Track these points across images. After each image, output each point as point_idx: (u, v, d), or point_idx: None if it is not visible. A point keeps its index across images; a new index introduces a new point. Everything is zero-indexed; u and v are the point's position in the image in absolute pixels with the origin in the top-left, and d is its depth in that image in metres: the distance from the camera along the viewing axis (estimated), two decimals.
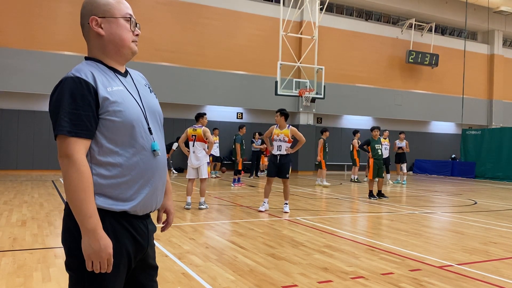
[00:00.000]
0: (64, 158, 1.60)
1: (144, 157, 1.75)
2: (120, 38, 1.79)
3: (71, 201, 1.60)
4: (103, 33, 1.77)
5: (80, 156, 1.60)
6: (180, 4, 18.82)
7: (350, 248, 5.52)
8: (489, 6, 24.81)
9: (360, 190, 13.63)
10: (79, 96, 1.62)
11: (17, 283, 3.88)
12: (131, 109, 1.73)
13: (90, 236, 1.59)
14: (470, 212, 9.25)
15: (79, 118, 1.61)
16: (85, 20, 1.79)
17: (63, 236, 1.75)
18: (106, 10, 1.77)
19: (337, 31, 22.26)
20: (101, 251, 1.59)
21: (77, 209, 1.59)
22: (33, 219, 7.02)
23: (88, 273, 1.64)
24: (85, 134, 1.62)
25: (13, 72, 16.08)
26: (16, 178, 14.27)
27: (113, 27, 1.78)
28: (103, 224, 1.65)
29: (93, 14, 1.76)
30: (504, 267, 4.84)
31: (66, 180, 1.60)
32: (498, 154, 20.27)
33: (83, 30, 1.81)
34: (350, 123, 22.97)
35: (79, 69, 1.71)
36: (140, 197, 1.75)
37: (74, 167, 1.58)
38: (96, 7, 1.77)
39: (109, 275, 1.67)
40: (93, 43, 1.80)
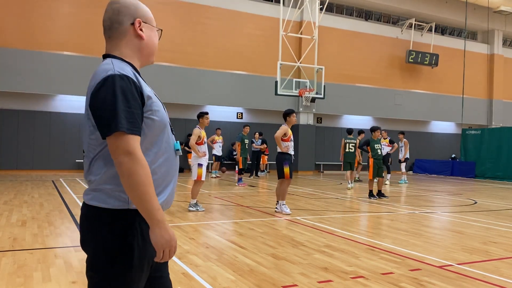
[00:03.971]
0: (126, 155, 1.57)
1: (170, 156, 1.80)
2: (154, 46, 1.88)
3: (140, 196, 1.57)
4: (144, 37, 1.81)
5: (140, 152, 1.61)
6: (180, 4, 18.82)
7: (350, 248, 5.52)
8: (489, 6, 24.81)
9: (360, 190, 13.63)
10: (130, 94, 1.62)
11: (17, 283, 3.88)
12: (163, 109, 1.80)
13: (161, 227, 1.61)
14: (470, 212, 9.25)
15: (133, 116, 1.61)
16: (126, 19, 1.78)
17: (86, 237, 1.72)
18: (149, 18, 1.85)
19: (337, 31, 22.26)
20: (171, 240, 1.64)
21: (146, 204, 1.58)
22: (33, 219, 7.02)
23: (114, 273, 1.65)
24: (139, 132, 1.63)
25: (13, 72, 16.08)
26: (16, 178, 14.27)
27: (152, 34, 1.85)
28: (132, 226, 1.66)
29: (138, 16, 1.80)
30: (504, 266, 4.84)
31: (133, 177, 1.56)
32: (498, 154, 20.27)
33: (118, 27, 1.78)
34: (350, 123, 22.95)
35: (122, 67, 1.68)
36: (166, 195, 1.78)
37: (139, 164, 1.58)
38: (140, 11, 1.81)
39: (136, 274, 1.68)
40: (127, 43, 1.80)
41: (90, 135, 1.69)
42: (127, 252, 1.65)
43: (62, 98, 17.54)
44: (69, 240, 5.71)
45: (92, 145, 1.70)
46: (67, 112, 17.62)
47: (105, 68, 1.66)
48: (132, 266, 1.66)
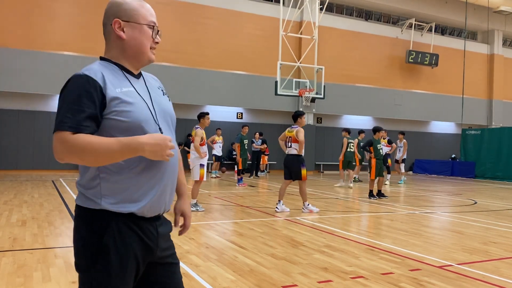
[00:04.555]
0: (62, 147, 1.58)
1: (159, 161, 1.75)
2: (140, 44, 1.81)
3: (103, 157, 1.58)
4: (124, 37, 1.78)
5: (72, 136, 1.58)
6: (180, 4, 18.83)
7: (350, 248, 5.52)
8: (489, 6, 24.81)
9: (360, 190, 13.63)
10: (84, 93, 1.63)
11: (17, 283, 3.88)
12: (140, 110, 1.73)
13: (137, 147, 1.59)
14: (470, 212, 9.25)
15: (75, 113, 1.60)
16: (107, 20, 1.80)
17: (73, 237, 1.75)
18: (131, 15, 1.79)
19: (337, 31, 22.26)
20: (156, 143, 1.60)
21: (112, 154, 1.58)
22: (33, 219, 7.02)
23: (95, 273, 1.67)
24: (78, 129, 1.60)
25: (13, 72, 16.09)
26: (16, 178, 14.27)
27: (135, 32, 1.79)
28: (108, 226, 1.67)
29: (117, 16, 1.78)
30: (504, 266, 4.84)
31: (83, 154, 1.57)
32: (498, 154, 20.27)
33: (104, 29, 1.82)
34: (350, 123, 22.95)
35: (90, 67, 1.72)
36: (148, 199, 1.74)
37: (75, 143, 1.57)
38: (121, 10, 1.78)
39: (116, 276, 1.68)
40: (112, 44, 1.81)
41: None
42: (105, 252, 1.66)
43: None
44: (69, 240, 5.71)
45: None
46: None
47: (87, 68, 1.72)
48: (110, 265, 1.66)
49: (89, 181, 1.70)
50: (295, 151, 8.58)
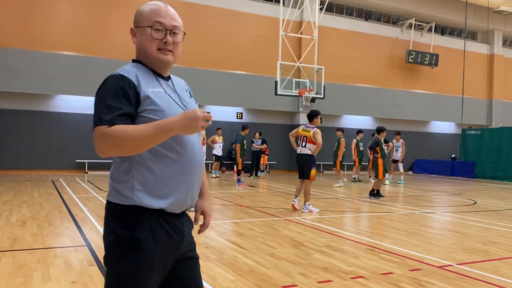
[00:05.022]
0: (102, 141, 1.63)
1: (181, 157, 1.81)
2: (143, 47, 1.88)
3: (143, 142, 1.62)
4: (135, 42, 1.91)
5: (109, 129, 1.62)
6: (180, 4, 18.82)
7: (350, 248, 5.52)
8: (489, 6, 24.81)
9: (360, 190, 13.63)
10: (120, 91, 1.71)
11: (17, 283, 3.88)
12: (170, 109, 1.79)
13: (169, 125, 1.63)
14: (470, 212, 9.25)
15: (113, 109, 1.66)
16: (133, 28, 1.93)
17: (103, 231, 1.81)
18: (138, 20, 1.90)
19: (337, 31, 22.26)
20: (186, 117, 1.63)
21: (145, 137, 1.62)
22: (33, 219, 7.02)
23: (125, 267, 1.71)
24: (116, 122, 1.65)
25: (13, 72, 16.08)
26: (16, 178, 14.27)
27: (140, 36, 1.88)
28: (141, 222, 1.73)
29: (136, 24, 1.91)
30: (504, 267, 4.84)
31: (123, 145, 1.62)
32: (498, 154, 20.27)
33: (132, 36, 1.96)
34: (350, 123, 22.96)
35: (124, 68, 1.81)
36: (177, 194, 1.80)
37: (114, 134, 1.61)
38: (135, 17, 1.92)
39: (146, 270, 1.72)
40: (137, 48, 1.93)
41: None
42: (136, 246, 1.71)
43: (62, 98, 17.54)
44: (69, 240, 5.71)
45: None
46: (67, 112, 17.62)
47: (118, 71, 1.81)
48: (141, 260, 1.72)
49: (122, 176, 1.77)
50: (309, 152, 8.60)
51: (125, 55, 17.91)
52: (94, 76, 17.33)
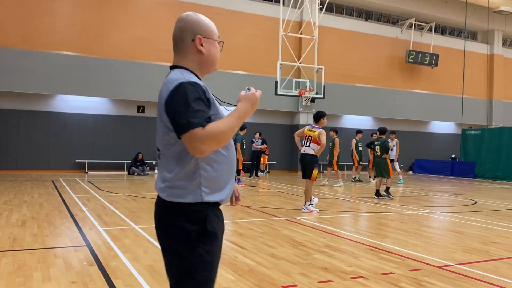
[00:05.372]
0: (202, 143, 1.78)
1: (231, 155, 2.05)
2: (214, 57, 2.10)
3: (227, 135, 1.84)
4: (204, 52, 2.04)
5: (204, 130, 1.79)
6: (180, 4, 18.82)
7: (350, 248, 5.52)
8: (489, 6, 24.81)
9: (360, 190, 13.63)
10: (199, 98, 1.87)
11: (17, 283, 3.88)
12: (222, 111, 2.02)
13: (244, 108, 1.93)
14: (470, 212, 9.25)
15: (201, 114, 1.82)
16: (186, 36, 2.03)
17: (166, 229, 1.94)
18: (208, 32, 2.05)
19: (337, 31, 22.25)
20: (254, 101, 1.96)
21: (233, 126, 1.86)
22: (33, 219, 7.02)
23: (199, 259, 1.90)
24: (207, 123, 1.83)
25: (13, 72, 16.08)
26: (16, 178, 14.27)
27: (212, 48, 2.07)
28: (208, 215, 1.92)
29: (198, 33, 2.02)
30: (504, 267, 4.84)
31: (218, 138, 1.81)
32: (498, 154, 20.27)
33: (181, 43, 2.05)
34: (350, 123, 22.96)
35: (190, 77, 1.94)
36: (229, 187, 2.03)
37: (212, 132, 1.79)
38: (200, 27, 2.04)
39: (215, 258, 1.96)
40: (189, 56, 2.04)
41: (164, 136, 1.94)
42: (208, 238, 1.91)
43: (62, 98, 17.54)
44: (69, 240, 5.71)
45: (166, 145, 1.94)
46: (67, 112, 17.62)
47: (176, 78, 1.91)
48: (213, 249, 1.94)
49: (189, 175, 1.92)
50: (313, 152, 8.63)
51: (125, 55, 17.99)
52: (94, 76, 17.44)
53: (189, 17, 2.06)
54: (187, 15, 2.08)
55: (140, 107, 18.88)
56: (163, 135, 1.94)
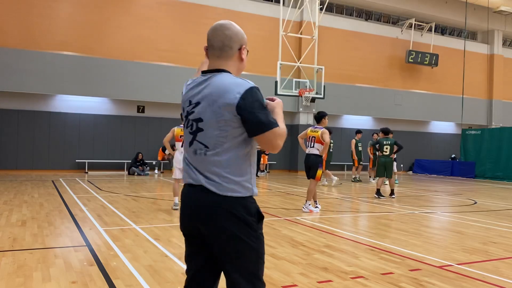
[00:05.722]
0: (281, 139, 2.10)
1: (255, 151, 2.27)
2: (245, 64, 2.30)
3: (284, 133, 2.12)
4: (244, 59, 2.26)
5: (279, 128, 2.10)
6: (180, 4, 18.82)
7: (350, 248, 5.52)
8: (489, 6, 24.81)
9: (360, 190, 13.63)
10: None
11: (17, 283, 3.88)
12: None
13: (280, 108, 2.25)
14: (470, 212, 9.25)
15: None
16: (234, 44, 2.19)
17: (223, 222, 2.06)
18: (246, 42, 2.26)
19: (337, 31, 22.25)
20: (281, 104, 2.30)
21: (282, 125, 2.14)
22: (33, 219, 7.02)
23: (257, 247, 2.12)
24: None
25: (13, 72, 16.09)
26: (16, 178, 14.27)
27: (246, 55, 2.28)
28: (257, 207, 2.15)
29: (243, 43, 2.22)
30: (504, 267, 4.84)
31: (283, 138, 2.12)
32: (498, 154, 20.27)
33: (228, 50, 2.19)
34: (350, 123, 22.97)
35: (248, 80, 2.16)
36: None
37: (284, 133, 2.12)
38: (244, 38, 2.24)
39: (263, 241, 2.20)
40: (234, 63, 2.23)
41: (220, 133, 2.06)
42: (261, 229, 2.15)
43: (62, 98, 17.54)
44: (69, 240, 5.71)
45: (220, 142, 2.07)
46: (67, 112, 17.62)
47: (240, 82, 2.08)
48: (263, 239, 2.17)
49: (244, 170, 2.12)
50: (317, 152, 8.72)
51: (125, 55, 17.99)
52: (94, 76, 17.45)
53: (234, 27, 2.21)
54: (231, 24, 2.22)
55: (140, 107, 18.88)
56: (218, 132, 2.06)
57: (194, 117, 2.14)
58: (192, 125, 2.15)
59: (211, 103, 2.06)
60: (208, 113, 2.07)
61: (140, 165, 17.61)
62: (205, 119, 2.08)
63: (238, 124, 2.05)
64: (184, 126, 2.23)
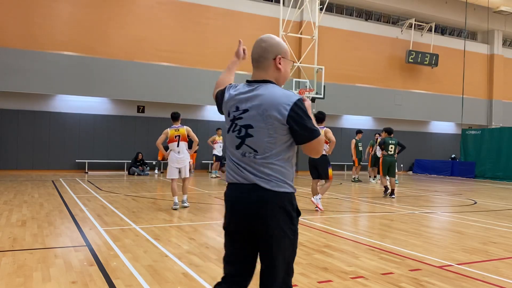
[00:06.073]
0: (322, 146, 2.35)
1: None
2: (287, 74, 2.45)
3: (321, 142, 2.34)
4: (281, 69, 2.39)
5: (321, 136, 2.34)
6: (180, 4, 18.82)
7: (350, 248, 5.52)
8: (489, 6, 24.81)
9: (360, 190, 13.63)
10: None
11: (17, 283, 3.88)
12: None
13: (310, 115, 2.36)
14: (470, 212, 9.26)
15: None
16: (269, 55, 2.36)
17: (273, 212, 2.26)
18: (285, 52, 2.40)
19: (337, 31, 22.26)
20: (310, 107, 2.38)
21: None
22: (33, 219, 7.02)
23: (296, 239, 2.36)
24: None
25: (13, 72, 16.09)
26: (16, 178, 14.27)
27: (287, 66, 2.42)
28: (296, 203, 2.36)
29: (279, 53, 2.37)
30: (504, 267, 4.84)
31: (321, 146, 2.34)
32: (498, 154, 20.27)
33: (263, 61, 2.37)
34: (350, 123, 22.97)
35: (294, 93, 2.42)
36: None
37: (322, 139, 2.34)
38: (281, 49, 2.38)
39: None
40: (273, 73, 2.39)
41: (269, 139, 2.25)
42: (297, 220, 2.37)
43: (62, 98, 17.54)
44: (69, 240, 5.71)
45: (269, 148, 2.26)
46: (67, 112, 17.62)
47: (288, 93, 2.28)
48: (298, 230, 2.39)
49: (289, 169, 2.33)
50: (324, 152, 8.73)
51: (125, 55, 17.99)
52: (94, 76, 17.45)
53: (271, 39, 2.39)
54: (269, 37, 2.41)
55: (140, 107, 18.88)
56: (268, 139, 2.25)
57: (243, 123, 2.31)
58: (241, 130, 2.32)
59: (261, 112, 2.24)
60: (258, 121, 2.25)
61: (140, 165, 17.61)
62: (255, 126, 2.27)
63: (286, 132, 2.25)
64: (229, 128, 2.39)
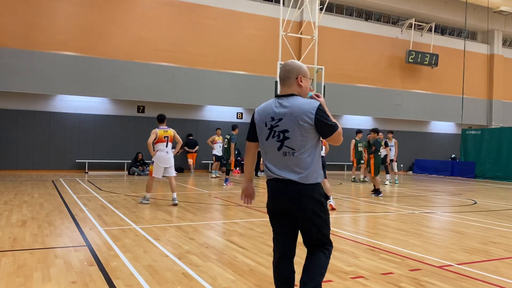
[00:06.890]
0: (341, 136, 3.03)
1: None
2: (307, 89, 3.13)
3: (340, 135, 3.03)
4: (302, 85, 3.07)
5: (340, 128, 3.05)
6: (180, 4, 18.82)
7: (350, 248, 5.52)
8: (489, 6, 24.81)
9: (360, 190, 13.63)
10: None
11: (17, 283, 3.88)
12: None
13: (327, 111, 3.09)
14: (470, 212, 9.26)
15: None
16: (292, 74, 3.05)
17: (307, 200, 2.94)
18: (305, 73, 3.09)
19: (337, 31, 22.26)
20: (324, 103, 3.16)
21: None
22: (33, 219, 7.02)
23: (328, 214, 3.12)
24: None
25: (13, 72, 16.09)
26: (16, 178, 14.27)
27: (307, 83, 3.11)
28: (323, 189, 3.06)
29: (300, 73, 3.06)
30: (504, 267, 4.84)
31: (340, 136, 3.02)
32: (498, 154, 20.27)
33: (288, 80, 3.06)
34: (350, 123, 22.96)
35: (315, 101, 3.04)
36: None
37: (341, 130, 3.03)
38: (301, 70, 3.08)
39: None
40: (296, 88, 3.06)
41: (302, 138, 2.90)
42: (327, 202, 3.09)
43: (62, 98, 17.54)
44: (69, 240, 5.71)
45: (303, 145, 2.91)
46: (67, 112, 17.62)
47: (309, 102, 2.96)
48: (328, 208, 3.12)
49: (317, 165, 2.97)
50: (323, 153, 8.73)
51: (125, 55, 17.99)
52: (94, 76, 17.45)
53: (293, 63, 3.09)
54: (292, 61, 3.11)
55: (140, 107, 18.89)
56: (301, 138, 2.89)
57: (280, 129, 2.93)
58: (279, 135, 2.94)
59: (293, 118, 2.88)
60: (292, 125, 2.89)
61: (140, 165, 17.61)
62: (290, 130, 2.90)
63: (314, 130, 2.90)
64: (268, 135, 2.99)
